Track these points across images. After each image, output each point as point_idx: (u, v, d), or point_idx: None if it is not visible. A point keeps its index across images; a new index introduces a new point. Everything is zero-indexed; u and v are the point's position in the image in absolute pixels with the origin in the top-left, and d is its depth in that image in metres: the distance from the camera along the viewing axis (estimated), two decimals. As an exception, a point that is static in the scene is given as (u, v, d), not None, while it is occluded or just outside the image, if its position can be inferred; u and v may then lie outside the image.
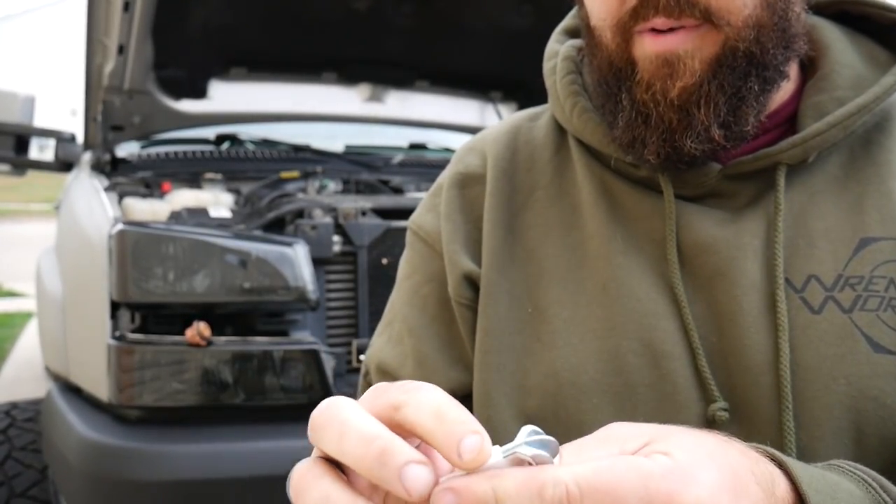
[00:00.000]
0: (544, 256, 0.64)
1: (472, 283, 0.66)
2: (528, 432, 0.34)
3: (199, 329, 1.48)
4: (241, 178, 2.42)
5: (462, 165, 0.71)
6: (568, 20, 0.75)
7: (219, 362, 1.50)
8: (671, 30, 0.54)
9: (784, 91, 0.60)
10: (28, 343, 5.39)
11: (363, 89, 2.76)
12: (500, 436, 0.56)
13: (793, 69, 0.61)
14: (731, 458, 0.39)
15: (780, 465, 0.42)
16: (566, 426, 0.57)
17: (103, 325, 1.55)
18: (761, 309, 0.56)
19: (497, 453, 0.34)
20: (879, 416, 0.52)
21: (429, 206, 0.73)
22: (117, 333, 1.52)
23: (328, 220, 1.72)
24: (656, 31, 0.54)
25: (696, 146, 0.55)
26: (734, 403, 0.55)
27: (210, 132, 2.71)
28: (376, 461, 0.32)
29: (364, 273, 1.74)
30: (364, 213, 1.77)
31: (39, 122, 2.59)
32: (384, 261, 1.76)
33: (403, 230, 1.91)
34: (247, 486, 1.44)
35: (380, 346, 0.73)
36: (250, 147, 2.70)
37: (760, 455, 0.42)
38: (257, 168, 2.52)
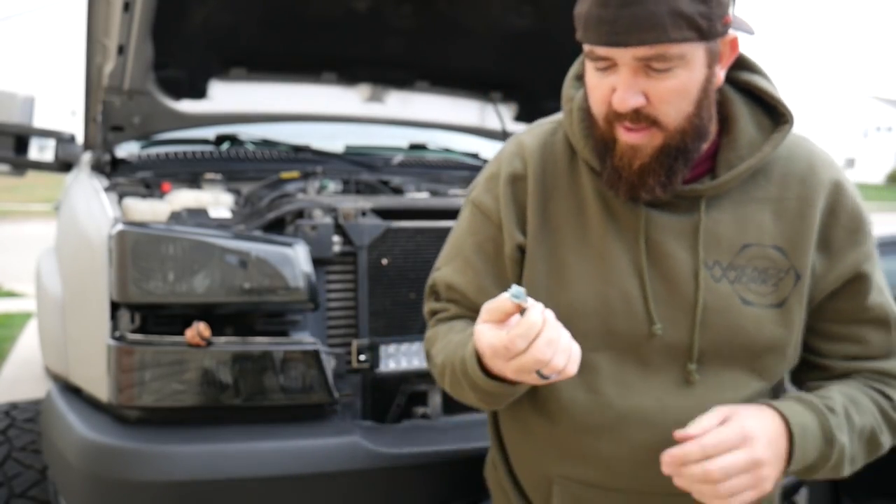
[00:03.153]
0: (564, 234, 1.09)
1: (521, 248, 1.11)
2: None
3: (199, 329, 1.48)
4: (241, 178, 2.42)
5: (512, 168, 1.13)
6: (578, 66, 1.13)
7: (219, 363, 1.50)
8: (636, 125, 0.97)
9: (709, 142, 1.04)
10: (28, 343, 5.38)
11: (363, 89, 2.75)
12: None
13: (713, 128, 1.03)
14: (766, 424, 0.95)
15: (773, 407, 0.99)
16: (576, 331, 0.96)
17: (103, 325, 1.54)
18: (690, 277, 1.03)
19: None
20: (744, 336, 1.03)
21: (486, 189, 1.16)
22: (117, 334, 1.52)
23: (328, 220, 1.72)
24: (628, 127, 0.97)
25: (646, 196, 1.01)
26: (668, 324, 1.04)
27: (210, 132, 2.71)
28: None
29: (364, 273, 1.74)
30: (364, 214, 1.77)
31: (39, 122, 2.59)
32: (384, 261, 1.76)
33: (403, 230, 1.91)
34: (247, 486, 1.44)
35: (449, 272, 1.19)
36: (250, 147, 2.70)
37: (769, 410, 0.98)
38: (257, 168, 2.52)
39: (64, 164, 2.59)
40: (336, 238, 1.72)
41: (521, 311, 0.89)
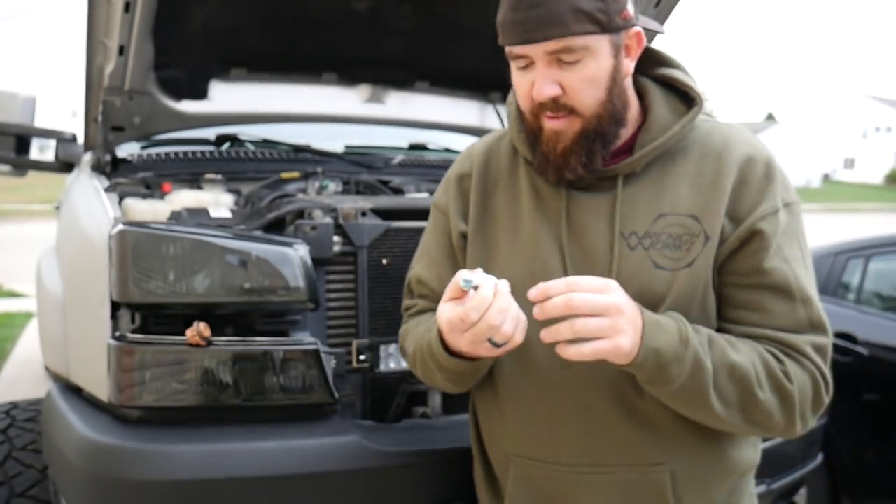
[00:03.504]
0: (500, 221, 1.24)
1: (464, 236, 1.27)
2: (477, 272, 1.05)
3: (200, 329, 1.48)
4: (241, 178, 2.42)
5: (461, 168, 1.31)
6: None
7: (219, 362, 1.50)
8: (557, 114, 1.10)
9: (631, 129, 1.17)
10: (29, 343, 5.39)
11: (363, 90, 2.76)
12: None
13: (634, 117, 1.17)
14: (632, 301, 1.04)
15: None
16: None
17: (103, 325, 1.55)
18: (607, 248, 1.14)
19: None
20: (653, 295, 1.10)
21: (443, 190, 1.34)
22: (117, 334, 1.52)
23: (328, 220, 1.72)
24: (550, 116, 1.11)
25: (570, 175, 1.14)
26: None
27: (210, 133, 2.71)
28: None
29: (364, 273, 1.74)
30: (364, 214, 1.77)
31: (40, 123, 2.59)
32: (384, 261, 1.77)
33: (403, 230, 1.91)
34: (247, 485, 1.44)
35: (419, 269, 1.35)
36: (250, 147, 2.70)
37: (636, 304, 1.04)
38: (258, 168, 2.52)
39: (65, 165, 2.59)
40: (336, 238, 1.72)
41: (476, 288, 1.02)
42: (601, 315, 0.98)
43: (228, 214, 1.91)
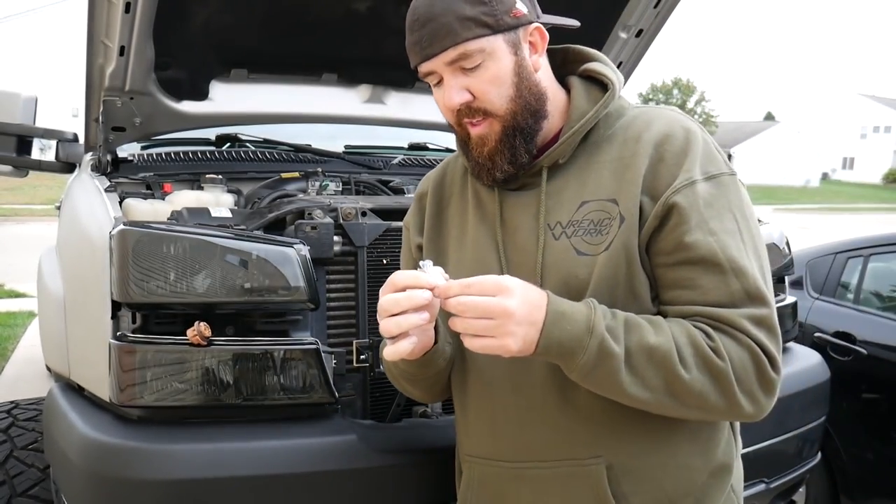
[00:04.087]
0: (451, 232, 1.31)
1: (421, 247, 1.34)
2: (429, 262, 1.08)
3: (200, 329, 1.49)
4: (241, 178, 2.42)
5: (420, 189, 1.40)
6: None
7: (219, 362, 1.50)
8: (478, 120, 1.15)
9: (559, 124, 1.20)
10: (30, 342, 5.40)
11: (363, 90, 2.76)
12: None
13: (561, 111, 1.21)
14: (529, 290, 1.04)
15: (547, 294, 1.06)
16: None
17: (104, 324, 1.55)
18: (534, 241, 1.18)
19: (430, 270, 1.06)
20: (576, 282, 1.12)
21: (410, 209, 1.42)
22: (118, 333, 1.53)
23: (328, 220, 1.72)
24: (470, 122, 1.16)
25: (500, 175, 1.18)
26: None
27: (211, 133, 2.72)
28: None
29: (364, 273, 1.75)
30: (364, 214, 1.77)
31: (41, 123, 2.59)
32: (384, 261, 1.77)
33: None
34: (248, 485, 1.45)
35: None
36: (251, 148, 2.70)
37: (541, 291, 1.06)
38: (258, 168, 2.53)
39: (66, 165, 2.60)
40: (336, 238, 1.72)
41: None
42: (487, 318, 1.00)
43: (229, 214, 1.92)
